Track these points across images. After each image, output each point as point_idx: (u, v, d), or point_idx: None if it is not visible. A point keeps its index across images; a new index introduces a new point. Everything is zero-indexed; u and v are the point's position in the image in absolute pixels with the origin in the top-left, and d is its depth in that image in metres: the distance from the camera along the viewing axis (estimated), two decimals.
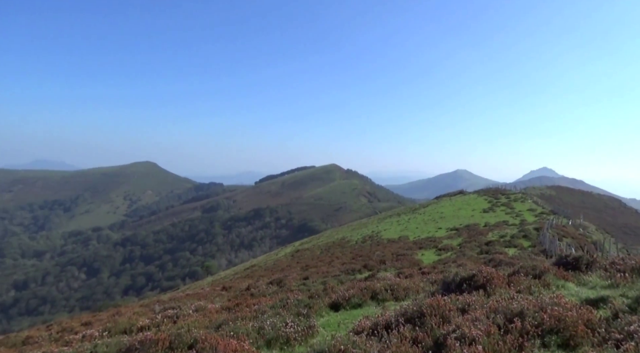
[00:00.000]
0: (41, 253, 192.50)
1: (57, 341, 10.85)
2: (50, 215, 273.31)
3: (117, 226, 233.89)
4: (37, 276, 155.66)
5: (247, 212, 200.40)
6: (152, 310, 17.97)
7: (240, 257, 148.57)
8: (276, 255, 64.13)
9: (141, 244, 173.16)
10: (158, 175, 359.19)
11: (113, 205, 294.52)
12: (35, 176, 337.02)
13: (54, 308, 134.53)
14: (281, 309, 8.10)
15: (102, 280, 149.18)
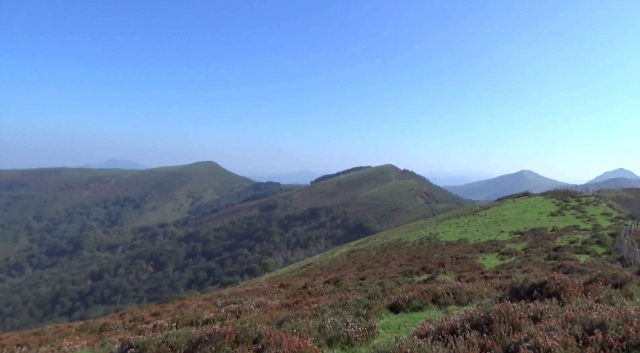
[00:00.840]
0: (114, 247, 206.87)
1: (130, 329, 11.58)
2: (122, 211, 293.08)
3: (181, 223, 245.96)
4: (110, 268, 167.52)
5: (303, 211, 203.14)
6: (214, 304, 18.68)
7: (296, 255, 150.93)
8: (332, 254, 64.43)
9: (203, 240, 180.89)
10: (219, 175, 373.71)
11: (177, 202, 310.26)
12: (109, 175, 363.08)
13: (124, 298, 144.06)
14: (341, 309, 8.12)
15: (168, 273, 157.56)
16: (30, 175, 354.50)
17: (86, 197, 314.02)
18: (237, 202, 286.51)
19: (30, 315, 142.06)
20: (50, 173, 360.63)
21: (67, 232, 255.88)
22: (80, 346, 8.99)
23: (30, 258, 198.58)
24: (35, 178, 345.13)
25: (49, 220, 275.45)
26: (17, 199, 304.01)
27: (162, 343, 6.79)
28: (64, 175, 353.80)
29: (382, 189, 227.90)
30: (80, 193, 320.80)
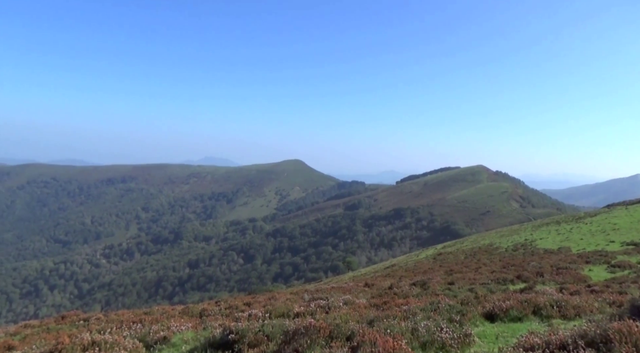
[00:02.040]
0: (209, 238, 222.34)
1: (227, 316, 12.38)
2: (216, 206, 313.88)
3: (269, 218, 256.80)
4: (205, 257, 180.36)
5: (387, 211, 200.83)
6: (302, 298, 19.20)
7: (379, 255, 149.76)
8: (417, 256, 62.91)
9: (289, 236, 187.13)
10: (305, 173, 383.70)
11: (266, 199, 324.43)
12: (206, 171, 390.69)
13: (217, 286, 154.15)
14: (432, 313, 7.92)
15: (256, 266, 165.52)
16: (140, 170, 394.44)
17: (186, 191, 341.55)
18: (322, 200, 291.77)
19: (138, 296, 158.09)
20: (156, 168, 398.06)
21: (170, 223, 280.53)
22: (186, 328, 9.80)
23: (138, 245, 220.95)
24: (143, 173, 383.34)
25: (155, 211, 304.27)
26: (128, 191, 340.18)
27: (258, 332, 7.18)
28: (168, 171, 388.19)
29: (472, 191, 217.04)
30: (181, 187, 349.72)
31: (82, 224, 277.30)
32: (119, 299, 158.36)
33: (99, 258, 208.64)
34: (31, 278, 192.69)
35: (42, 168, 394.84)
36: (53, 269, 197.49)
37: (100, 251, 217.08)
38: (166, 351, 8.43)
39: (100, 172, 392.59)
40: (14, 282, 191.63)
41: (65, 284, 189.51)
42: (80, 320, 16.44)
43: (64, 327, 15.12)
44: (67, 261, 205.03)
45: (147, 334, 9.21)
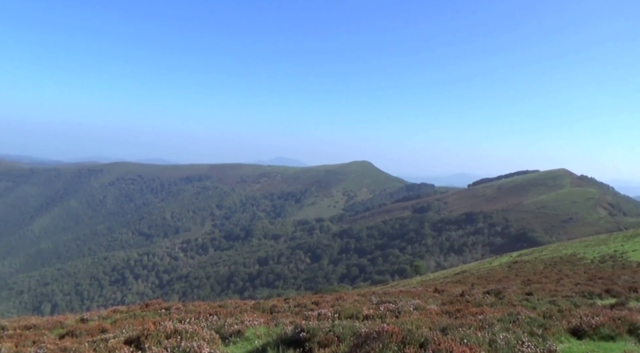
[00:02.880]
0: (277, 237, 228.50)
1: (297, 314, 12.63)
2: (285, 205, 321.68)
3: (336, 219, 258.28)
4: (274, 255, 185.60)
5: (458, 215, 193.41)
6: (369, 300, 19.08)
7: (449, 260, 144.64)
8: (489, 263, 59.94)
9: (356, 237, 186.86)
10: (373, 174, 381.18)
11: (333, 199, 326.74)
12: (276, 171, 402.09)
13: (285, 284, 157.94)
14: (511, 324, 7.49)
15: (323, 265, 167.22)
16: (215, 169, 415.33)
17: (257, 190, 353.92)
18: (390, 202, 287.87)
19: (211, 289, 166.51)
20: (230, 168, 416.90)
21: (241, 221, 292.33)
22: (258, 323, 10.15)
23: (212, 240, 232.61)
24: (218, 172, 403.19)
25: (228, 209, 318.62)
26: (204, 189, 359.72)
27: (329, 332, 7.25)
28: (240, 171, 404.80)
29: (553, 196, 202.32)
30: (252, 186, 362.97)
31: (163, 219, 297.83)
32: (195, 291, 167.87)
33: (177, 252, 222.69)
34: (119, 267, 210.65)
35: (130, 166, 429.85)
36: (137, 260, 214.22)
37: (179, 245, 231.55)
38: (240, 344, 8.80)
39: (179, 171, 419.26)
40: (104, 270, 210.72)
41: (148, 274, 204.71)
42: (162, 309, 17.61)
43: (148, 314, 16.30)
44: (150, 253, 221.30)
45: (223, 326, 9.68)
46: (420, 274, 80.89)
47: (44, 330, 13.47)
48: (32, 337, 10.63)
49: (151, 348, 7.30)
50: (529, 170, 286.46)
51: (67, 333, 10.96)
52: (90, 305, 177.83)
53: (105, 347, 7.61)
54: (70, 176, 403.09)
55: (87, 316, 16.36)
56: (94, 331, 10.93)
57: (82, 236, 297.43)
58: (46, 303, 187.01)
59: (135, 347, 7.66)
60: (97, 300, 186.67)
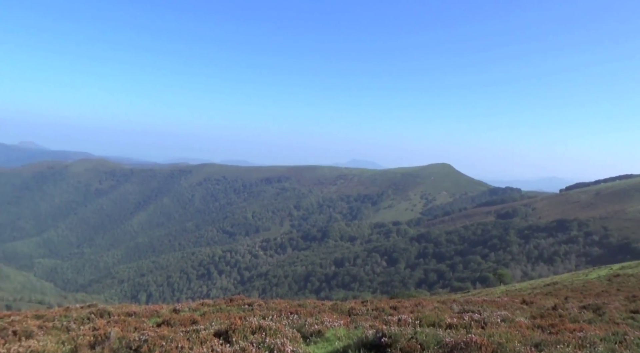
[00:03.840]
0: (353, 239, 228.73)
1: (376, 318, 12.54)
2: (361, 207, 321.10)
3: (414, 223, 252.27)
4: (350, 257, 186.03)
5: (548, 222, 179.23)
6: (450, 308, 18.40)
7: (537, 270, 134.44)
8: (585, 275, 54.71)
9: (434, 242, 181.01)
10: (453, 177, 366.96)
11: (411, 202, 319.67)
12: (352, 173, 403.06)
13: (361, 286, 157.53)
14: (617, 345, 6.77)
15: (399, 269, 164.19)
16: (293, 171, 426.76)
17: (333, 192, 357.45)
18: (471, 206, 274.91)
19: (289, 288, 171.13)
20: (307, 170, 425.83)
21: (318, 222, 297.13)
22: (338, 324, 10.23)
23: (290, 240, 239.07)
24: (296, 173, 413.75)
25: (305, 210, 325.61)
26: (283, 190, 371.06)
27: (411, 339, 7.09)
28: (317, 172, 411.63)
29: None
30: (329, 188, 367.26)
31: (244, 218, 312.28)
32: (273, 289, 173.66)
33: (258, 250, 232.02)
34: (205, 262, 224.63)
35: (215, 167, 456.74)
36: (221, 256, 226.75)
37: (259, 243, 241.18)
38: (321, 344, 8.93)
39: (260, 172, 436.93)
40: (192, 264, 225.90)
41: (230, 270, 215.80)
42: (245, 304, 18.44)
43: (232, 309, 17.17)
44: (232, 250, 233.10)
45: (303, 326, 9.90)
46: (505, 283, 76.15)
47: (143, 317, 14.76)
48: (134, 323, 11.71)
49: (238, 342, 7.68)
50: (633, 174, 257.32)
51: (163, 322, 11.89)
52: (179, 296, 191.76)
53: (197, 338, 8.14)
54: (163, 176, 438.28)
55: (178, 307, 17.64)
56: (186, 322, 11.76)
57: (173, 232, 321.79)
58: (142, 293, 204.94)
59: (224, 340, 8.11)
60: (185, 292, 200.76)
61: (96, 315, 14.41)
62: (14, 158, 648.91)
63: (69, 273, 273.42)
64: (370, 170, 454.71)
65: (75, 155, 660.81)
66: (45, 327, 11.29)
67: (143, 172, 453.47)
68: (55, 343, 8.34)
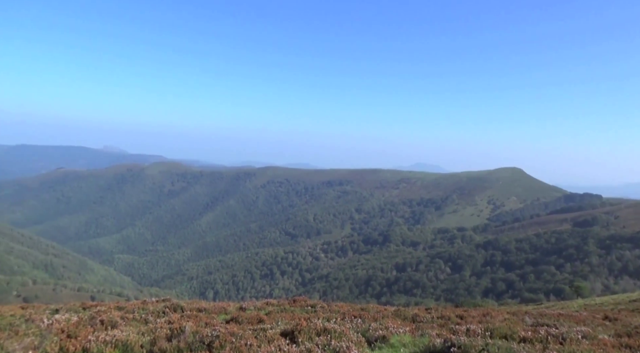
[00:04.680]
0: (416, 244, 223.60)
1: (442, 326, 12.17)
2: (424, 212, 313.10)
3: (480, 229, 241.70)
4: (412, 262, 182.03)
5: (634, 232, 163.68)
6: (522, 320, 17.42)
7: (621, 284, 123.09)
8: None
9: (502, 250, 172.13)
10: (523, 182, 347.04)
11: (477, 208, 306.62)
12: (415, 177, 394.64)
13: (423, 292, 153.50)
14: None
15: (464, 277, 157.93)
16: (354, 174, 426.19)
17: (395, 195, 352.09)
18: (544, 213, 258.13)
19: (350, 291, 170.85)
20: (369, 173, 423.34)
21: (379, 225, 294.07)
22: (403, 331, 10.06)
23: (351, 243, 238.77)
24: (357, 177, 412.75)
25: (366, 213, 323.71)
26: (344, 193, 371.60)
27: (482, 351, 6.81)
28: (379, 176, 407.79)
29: None
30: (391, 192, 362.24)
31: (306, 220, 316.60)
32: (334, 291, 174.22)
33: (319, 252, 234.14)
34: (268, 263, 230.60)
35: (278, 170, 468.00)
36: (283, 257, 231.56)
37: (320, 246, 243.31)
38: (385, 350, 8.83)
39: (321, 175, 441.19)
40: (256, 264, 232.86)
41: (292, 271, 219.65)
42: (308, 306, 18.67)
43: (296, 310, 17.46)
44: (294, 252, 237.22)
45: (367, 330, 9.84)
46: (583, 297, 70.56)
47: (212, 313, 15.45)
48: (205, 319, 12.29)
49: (304, 343, 7.81)
50: None
51: (232, 319, 12.38)
52: (244, 294, 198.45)
53: (264, 336, 8.39)
54: (230, 179, 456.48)
55: (245, 305, 18.26)
56: (252, 320, 12.14)
57: (238, 232, 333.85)
58: (209, 290, 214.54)
59: (290, 340, 8.28)
60: (249, 291, 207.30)
61: (170, 310, 15.31)
62: (99, 161, 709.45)
63: (144, 268, 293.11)
64: (434, 173, 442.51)
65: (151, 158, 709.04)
66: (126, 318, 12.18)
67: (211, 175, 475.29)
68: (136, 334, 8.97)
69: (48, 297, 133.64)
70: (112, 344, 7.96)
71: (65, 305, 17.60)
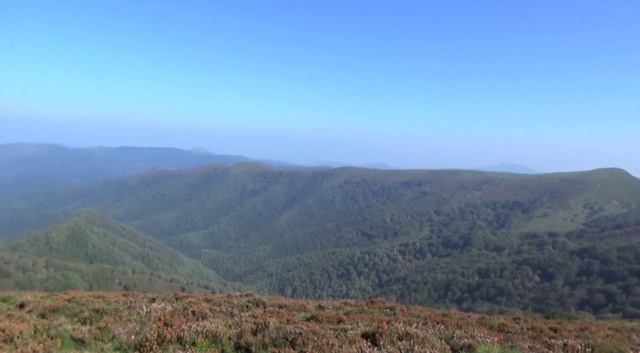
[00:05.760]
0: (500, 249, 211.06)
1: (534, 339, 11.32)
2: (510, 215, 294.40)
3: (574, 235, 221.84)
4: (496, 268, 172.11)
5: None
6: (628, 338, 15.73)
7: None
8: None
9: (601, 259, 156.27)
10: (627, 184, 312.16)
11: (571, 212, 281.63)
12: (499, 178, 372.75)
13: (509, 301, 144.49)
14: None
15: (556, 286, 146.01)
16: (433, 175, 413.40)
17: (477, 197, 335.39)
18: None
19: (428, 295, 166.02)
20: (448, 174, 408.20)
21: (460, 228, 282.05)
22: (491, 341, 9.51)
23: (430, 246, 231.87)
24: (436, 178, 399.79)
25: (446, 215, 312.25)
26: (423, 195, 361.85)
27: None
28: (460, 177, 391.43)
29: None
30: (473, 193, 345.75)
31: (382, 221, 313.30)
32: (412, 294, 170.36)
33: (396, 254, 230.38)
34: (344, 263, 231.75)
35: (355, 170, 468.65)
36: (360, 258, 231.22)
37: (397, 247, 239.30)
38: None
39: (399, 176, 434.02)
40: (332, 264, 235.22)
41: (369, 272, 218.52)
42: (387, 308, 18.41)
43: (374, 311, 17.29)
44: (370, 252, 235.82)
45: (451, 337, 9.42)
46: None
47: (292, 310, 15.83)
48: (286, 316, 12.62)
49: (386, 347, 7.68)
50: None
51: (312, 317, 12.57)
52: (320, 293, 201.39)
53: (345, 337, 8.39)
54: (307, 179, 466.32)
55: (323, 304, 18.46)
56: (332, 319, 12.23)
57: (315, 231, 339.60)
58: (288, 287, 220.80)
59: (371, 342, 8.19)
60: (326, 289, 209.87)
61: (253, 304, 15.95)
62: (188, 161, 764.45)
63: (227, 263, 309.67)
64: (521, 174, 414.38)
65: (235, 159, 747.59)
66: (214, 310, 12.90)
67: (290, 175, 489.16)
68: (224, 326, 9.46)
69: (145, 286, 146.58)
70: (203, 335, 8.45)
71: (160, 295, 19.11)
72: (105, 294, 19.22)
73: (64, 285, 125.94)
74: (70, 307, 13.83)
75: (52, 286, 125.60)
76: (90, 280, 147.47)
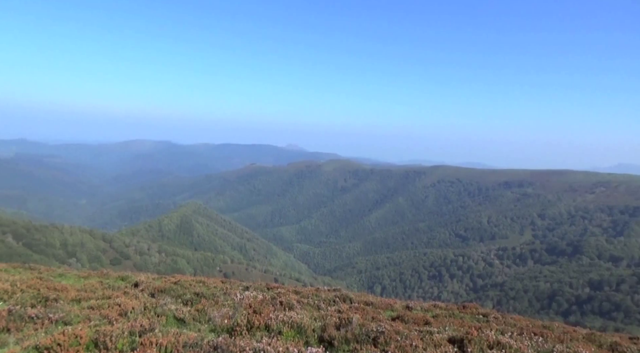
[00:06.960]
0: (617, 259, 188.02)
1: None
2: (630, 222, 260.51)
3: None
4: (611, 280, 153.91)
5: None
6: None
7: None
8: None
9: None
10: None
11: None
12: (617, 180, 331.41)
13: (626, 318, 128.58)
14: None
15: None
16: (537, 175, 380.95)
17: (590, 201, 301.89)
18: None
19: (529, 304, 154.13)
20: (554, 174, 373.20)
21: (567, 234, 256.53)
22: None
23: (532, 252, 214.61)
24: (540, 178, 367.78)
25: (551, 219, 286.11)
26: (524, 196, 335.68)
27: None
28: (568, 178, 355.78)
29: None
30: (584, 197, 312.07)
31: (478, 223, 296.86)
32: (510, 302, 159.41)
33: (493, 258, 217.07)
34: (436, 264, 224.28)
35: (449, 169, 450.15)
36: (453, 260, 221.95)
37: (494, 251, 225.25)
38: None
39: (497, 175, 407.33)
40: (423, 264, 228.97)
41: (462, 276, 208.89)
42: (479, 314, 17.44)
43: (465, 317, 16.49)
44: (465, 255, 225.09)
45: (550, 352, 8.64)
46: None
47: (378, 308, 15.72)
48: (371, 313, 12.57)
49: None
50: None
51: (397, 317, 12.37)
52: (410, 294, 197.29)
53: (430, 340, 8.11)
54: (399, 177, 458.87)
55: (411, 304, 18.05)
56: (419, 321, 11.91)
57: (406, 231, 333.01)
58: (377, 285, 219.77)
59: (458, 348, 7.81)
60: (416, 290, 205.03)
61: (340, 299, 16.14)
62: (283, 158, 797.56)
63: (318, 258, 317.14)
64: None
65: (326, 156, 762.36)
66: (302, 302, 13.30)
67: (381, 173, 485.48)
68: (309, 318, 9.71)
69: (241, 275, 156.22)
70: (289, 324, 8.76)
71: (254, 284, 20.21)
72: (206, 280, 20.83)
73: (173, 269, 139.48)
74: (176, 289, 15.26)
75: (163, 269, 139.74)
76: (195, 266, 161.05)
